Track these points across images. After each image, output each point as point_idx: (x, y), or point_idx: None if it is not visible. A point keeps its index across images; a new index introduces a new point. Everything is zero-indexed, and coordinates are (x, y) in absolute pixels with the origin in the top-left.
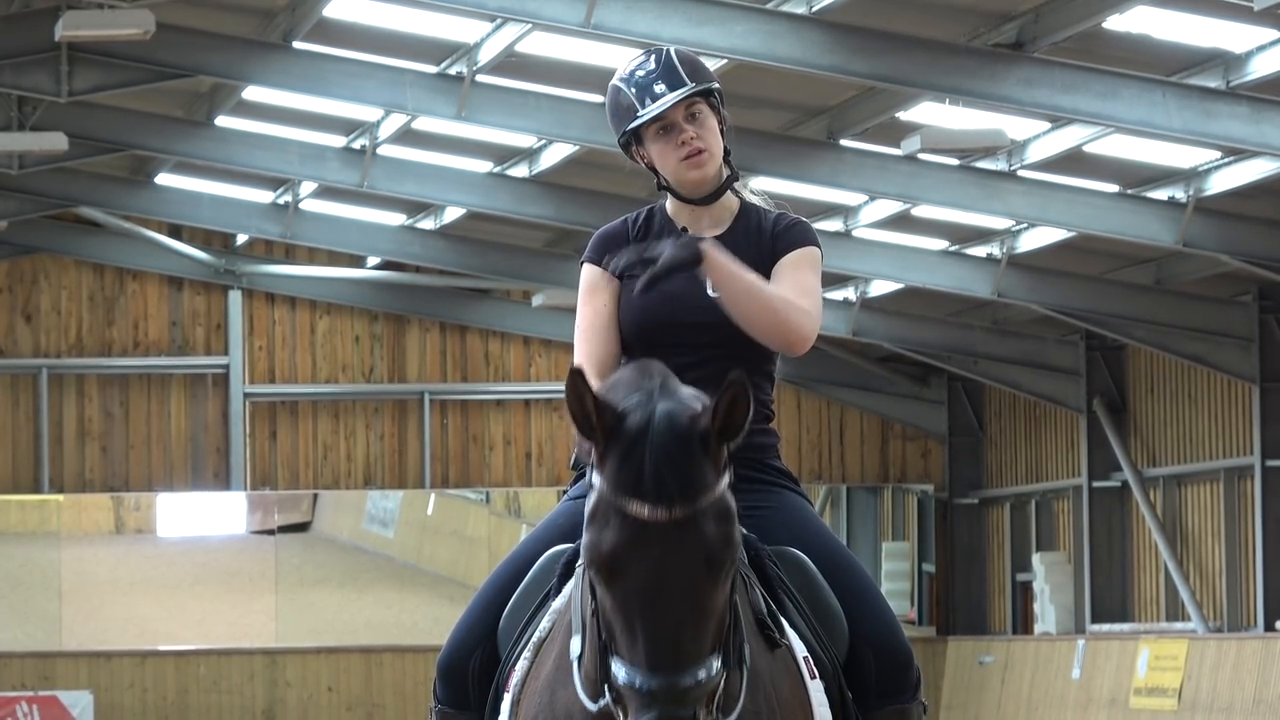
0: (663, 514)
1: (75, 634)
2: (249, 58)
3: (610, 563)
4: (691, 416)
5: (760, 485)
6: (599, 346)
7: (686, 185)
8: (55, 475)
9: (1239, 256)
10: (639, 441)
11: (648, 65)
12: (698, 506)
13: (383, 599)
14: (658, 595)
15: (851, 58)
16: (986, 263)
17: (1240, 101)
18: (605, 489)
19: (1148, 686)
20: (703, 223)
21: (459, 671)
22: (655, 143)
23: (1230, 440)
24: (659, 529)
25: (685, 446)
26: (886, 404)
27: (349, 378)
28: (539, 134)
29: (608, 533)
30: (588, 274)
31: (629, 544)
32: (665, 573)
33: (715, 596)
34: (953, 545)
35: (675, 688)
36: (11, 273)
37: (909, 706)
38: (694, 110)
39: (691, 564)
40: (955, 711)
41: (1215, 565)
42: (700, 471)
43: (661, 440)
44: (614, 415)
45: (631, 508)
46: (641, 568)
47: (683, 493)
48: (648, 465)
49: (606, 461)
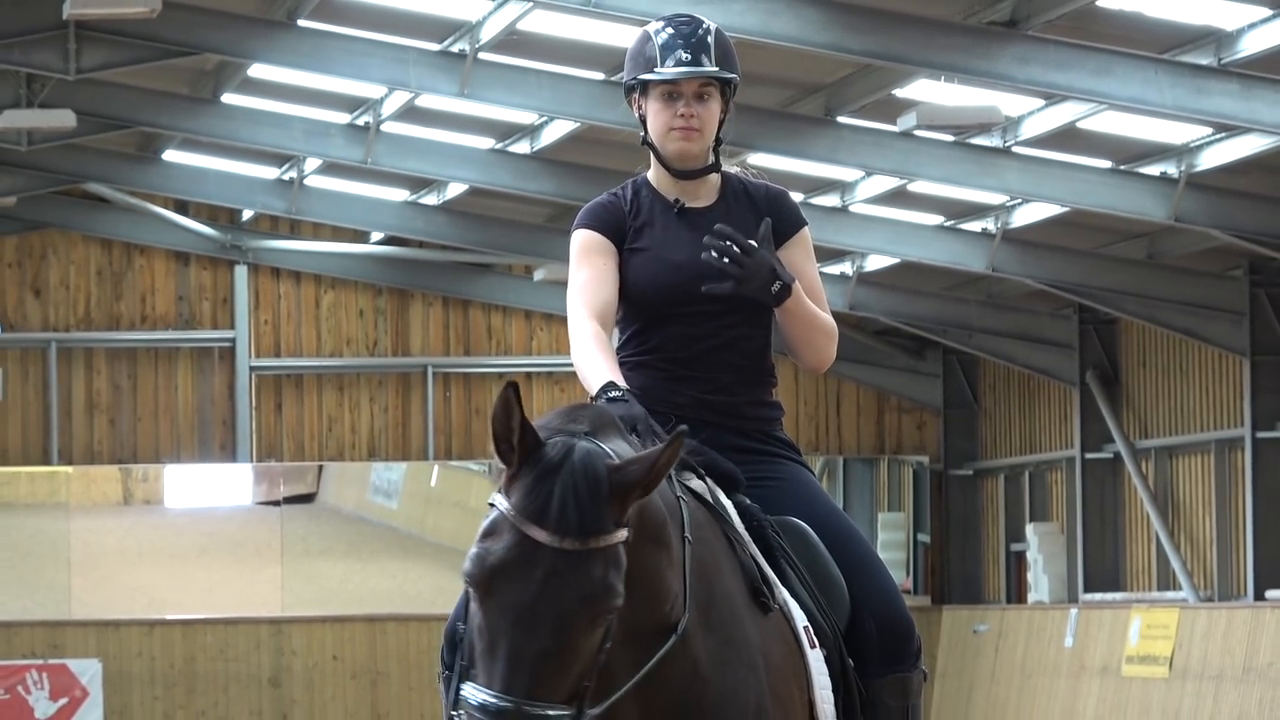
0: (556, 542)
1: (84, 603)
2: (254, 35)
3: (491, 577)
4: (608, 465)
5: (766, 456)
6: (602, 298)
7: (668, 151)
8: (64, 447)
9: (1230, 231)
10: (553, 471)
11: (684, 29)
12: (590, 545)
13: (387, 569)
14: (528, 618)
15: (848, 35)
16: (981, 238)
17: (1231, 79)
18: (508, 509)
19: (1139, 654)
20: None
21: None
22: (657, 102)
23: (1221, 412)
24: (548, 554)
25: (594, 487)
26: (883, 377)
27: (353, 351)
28: (540, 111)
29: (498, 548)
30: (587, 237)
31: (515, 561)
32: (542, 598)
33: (583, 639)
34: (948, 516)
35: (521, 711)
36: (20, 248)
37: (910, 674)
38: (705, 91)
39: (569, 597)
40: (950, 679)
41: (1206, 535)
42: (602, 515)
43: (574, 476)
44: (535, 441)
45: (530, 530)
46: (520, 587)
47: (581, 527)
48: (555, 494)
49: (516, 484)
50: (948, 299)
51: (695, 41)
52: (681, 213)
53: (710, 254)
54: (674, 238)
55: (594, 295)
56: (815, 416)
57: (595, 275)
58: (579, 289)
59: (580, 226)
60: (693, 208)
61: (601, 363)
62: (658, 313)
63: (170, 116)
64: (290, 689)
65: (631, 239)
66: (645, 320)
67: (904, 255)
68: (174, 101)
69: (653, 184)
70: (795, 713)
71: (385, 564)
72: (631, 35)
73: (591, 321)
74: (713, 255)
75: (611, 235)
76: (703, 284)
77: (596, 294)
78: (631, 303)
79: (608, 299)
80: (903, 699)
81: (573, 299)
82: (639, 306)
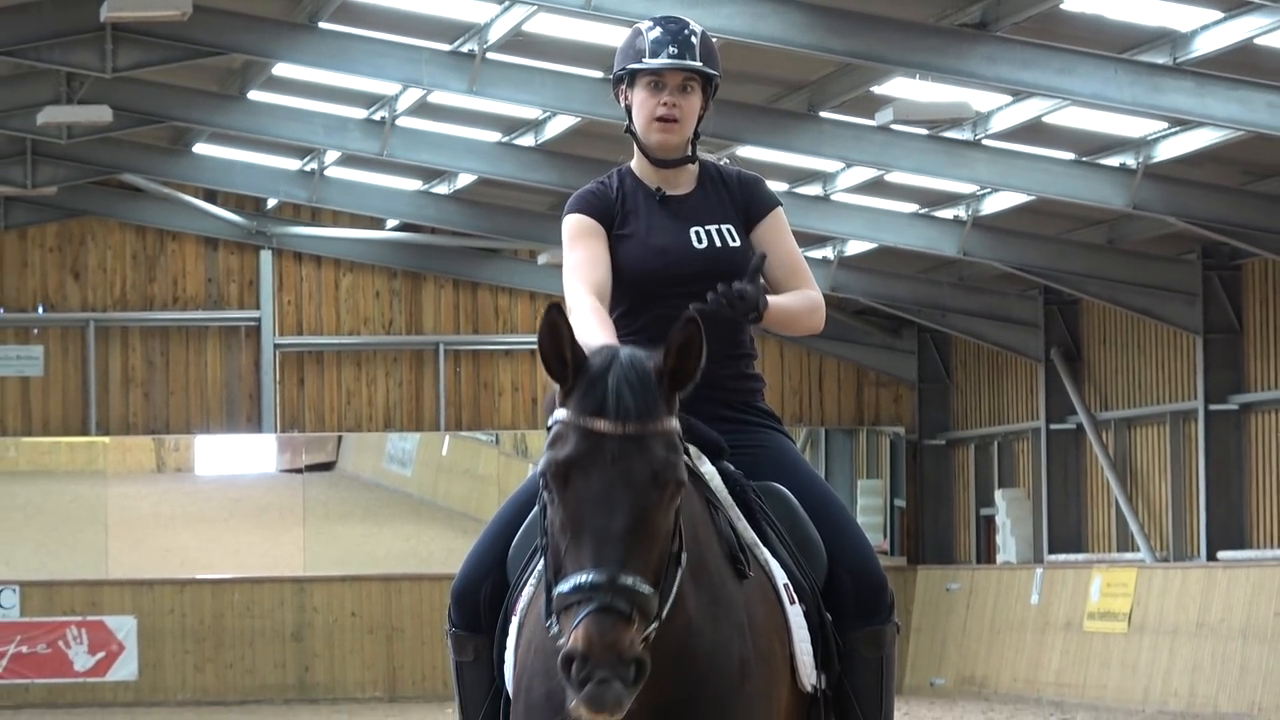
0: (619, 428)
1: (120, 564)
2: (278, 36)
3: (566, 470)
4: (652, 361)
5: (747, 426)
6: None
7: (650, 142)
8: (102, 419)
9: (1184, 218)
10: (604, 372)
11: (672, 28)
12: (649, 428)
13: (401, 532)
14: (607, 501)
15: (829, 36)
16: (953, 224)
17: (1186, 76)
18: (569, 414)
19: (1100, 611)
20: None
21: (471, 598)
22: (642, 92)
23: (1176, 386)
24: (614, 441)
25: (644, 379)
26: (862, 353)
27: (370, 330)
28: (544, 107)
29: (566, 448)
30: (578, 221)
31: (586, 453)
32: (615, 480)
33: (658, 515)
34: (922, 482)
35: (616, 581)
36: (61, 234)
37: (884, 627)
38: (687, 84)
39: (640, 475)
40: (924, 634)
41: (1162, 500)
42: (655, 401)
43: (624, 370)
44: (582, 354)
45: (592, 424)
46: (595, 474)
47: (639, 413)
48: (610, 388)
49: (573, 392)
50: (922, 281)
51: (682, 40)
52: (663, 200)
53: (716, 296)
54: (657, 224)
55: (590, 273)
56: (799, 390)
57: (590, 255)
58: (575, 268)
59: (571, 212)
60: (673, 195)
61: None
62: (642, 294)
63: (200, 112)
64: (311, 643)
65: (618, 225)
66: (631, 301)
67: (881, 241)
68: (203, 98)
69: (636, 173)
70: (778, 667)
71: (400, 527)
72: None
73: (590, 297)
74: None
75: (601, 220)
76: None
77: (593, 272)
78: (618, 285)
79: (603, 277)
80: (877, 650)
81: (570, 278)
82: (625, 289)
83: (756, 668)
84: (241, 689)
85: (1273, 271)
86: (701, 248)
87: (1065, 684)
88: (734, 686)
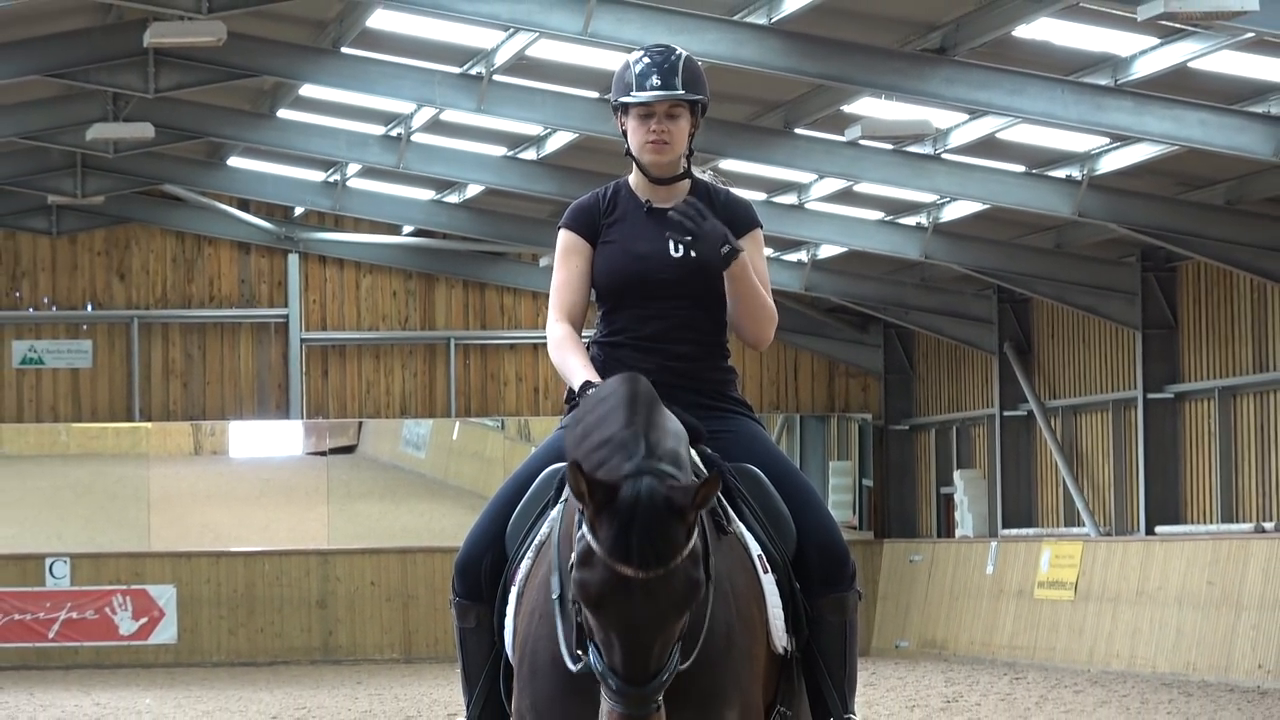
0: (642, 575)
1: (161, 537)
2: (305, 60)
3: (596, 601)
4: (670, 495)
5: (721, 412)
6: (571, 300)
7: (645, 162)
8: (145, 407)
9: (1125, 225)
10: (628, 517)
11: (658, 59)
12: (670, 567)
13: (416, 509)
14: (634, 630)
15: (804, 60)
16: (915, 230)
17: (1126, 97)
18: (597, 547)
19: (1049, 580)
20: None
21: (473, 569)
22: (634, 120)
23: (1117, 377)
24: (638, 583)
25: (664, 521)
26: (833, 347)
27: (388, 326)
28: (545, 124)
29: (596, 578)
30: (565, 239)
31: (613, 590)
32: (641, 614)
33: (680, 623)
34: (888, 464)
35: (643, 694)
36: (108, 239)
37: (846, 594)
38: (675, 111)
39: (663, 608)
40: (889, 601)
41: (1105, 480)
42: (674, 539)
43: (645, 518)
44: (605, 491)
45: (620, 569)
46: (622, 609)
47: (659, 558)
48: (634, 537)
49: (599, 526)
50: (888, 281)
51: (667, 68)
52: (650, 212)
53: (675, 213)
54: (640, 232)
55: (565, 298)
56: (776, 381)
57: (568, 278)
58: (555, 290)
59: (562, 226)
60: (659, 207)
61: (576, 362)
62: (621, 296)
63: (234, 129)
64: (335, 610)
65: (605, 234)
66: (614, 302)
67: (851, 245)
68: (237, 116)
69: (632, 186)
70: (757, 631)
71: (415, 504)
72: (622, 60)
73: (563, 324)
74: (678, 214)
75: (586, 234)
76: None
77: (568, 297)
78: (602, 288)
79: (576, 300)
80: (841, 615)
81: (551, 300)
82: (608, 291)
83: (740, 632)
84: (271, 651)
85: (1205, 273)
86: (678, 256)
87: (1018, 646)
88: (722, 650)
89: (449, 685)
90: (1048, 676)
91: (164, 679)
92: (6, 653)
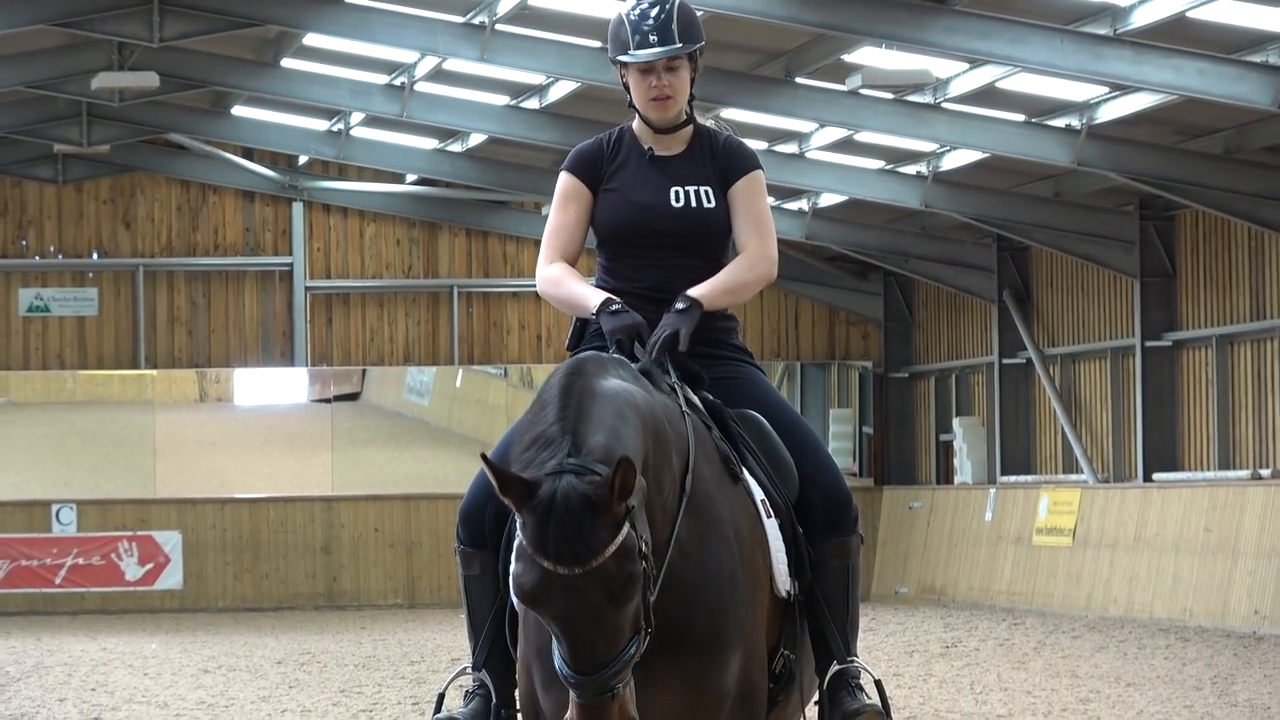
0: (563, 571)
1: (167, 484)
2: (309, 9)
3: (530, 599)
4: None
5: (725, 360)
6: (566, 244)
7: (650, 117)
8: (150, 354)
9: (1123, 174)
10: (545, 513)
11: (651, 11)
12: (592, 564)
13: (420, 456)
14: (571, 623)
15: (804, 9)
16: (916, 179)
17: (1125, 46)
18: (523, 539)
19: (1047, 527)
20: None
21: (477, 517)
22: (634, 76)
23: (1116, 325)
24: (563, 578)
25: (579, 520)
26: (833, 295)
27: (391, 274)
28: (548, 73)
29: (528, 575)
30: (566, 182)
31: (543, 585)
32: (574, 609)
33: (622, 615)
34: (887, 411)
35: (598, 681)
36: (114, 188)
37: (849, 538)
38: (674, 64)
39: (595, 601)
40: (889, 548)
41: (1103, 427)
42: (594, 535)
43: (562, 515)
44: (524, 489)
45: (542, 563)
46: (555, 604)
47: (578, 556)
48: (550, 534)
49: (525, 524)
50: (888, 230)
51: (661, 24)
52: (652, 159)
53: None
54: (642, 181)
55: (560, 241)
56: (777, 329)
57: (564, 223)
58: (550, 233)
59: (564, 169)
60: (662, 155)
61: (583, 289)
62: (622, 243)
63: (238, 78)
64: (339, 556)
65: (607, 180)
66: (614, 249)
67: (851, 194)
68: (241, 65)
69: (635, 133)
70: (761, 575)
71: (418, 451)
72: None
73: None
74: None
75: (588, 180)
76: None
77: (563, 241)
78: (603, 236)
79: (571, 245)
80: (843, 559)
81: (544, 241)
82: (609, 239)
83: (743, 577)
84: (276, 597)
85: (1203, 221)
86: (679, 206)
87: (1016, 592)
88: (724, 596)
89: (453, 631)
90: (1045, 622)
91: (170, 624)
92: (14, 598)
